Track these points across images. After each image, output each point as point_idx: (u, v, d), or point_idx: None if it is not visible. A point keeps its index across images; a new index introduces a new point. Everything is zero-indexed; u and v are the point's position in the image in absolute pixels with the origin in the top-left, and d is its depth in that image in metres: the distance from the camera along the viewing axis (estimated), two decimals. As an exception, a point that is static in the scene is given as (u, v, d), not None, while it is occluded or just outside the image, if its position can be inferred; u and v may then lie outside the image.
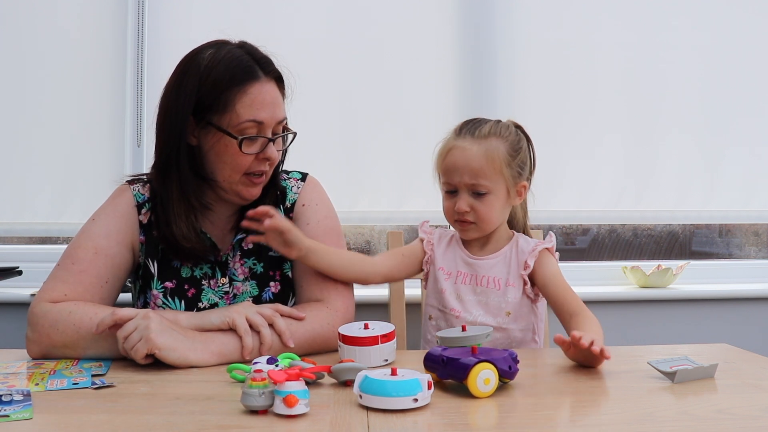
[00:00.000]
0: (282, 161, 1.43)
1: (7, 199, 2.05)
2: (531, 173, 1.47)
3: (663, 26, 2.16)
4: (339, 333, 1.19)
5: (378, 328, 1.20)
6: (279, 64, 1.34)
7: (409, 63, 2.11)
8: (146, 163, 2.02)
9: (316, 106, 2.07)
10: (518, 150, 1.42)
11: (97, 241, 1.30)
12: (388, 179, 2.11)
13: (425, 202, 2.11)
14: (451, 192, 1.43)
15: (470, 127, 1.42)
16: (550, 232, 1.48)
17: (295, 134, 1.37)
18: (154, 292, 1.32)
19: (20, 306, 1.95)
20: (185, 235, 1.30)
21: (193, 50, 1.33)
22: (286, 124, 1.35)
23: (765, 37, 2.19)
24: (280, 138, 1.34)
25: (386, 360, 1.17)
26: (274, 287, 1.39)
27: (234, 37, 1.35)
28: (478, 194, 1.39)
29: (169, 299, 1.32)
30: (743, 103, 2.19)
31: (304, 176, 1.48)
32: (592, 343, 1.12)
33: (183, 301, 1.33)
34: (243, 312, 1.20)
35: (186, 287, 1.34)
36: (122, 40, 2.05)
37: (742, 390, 1.05)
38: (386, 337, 1.17)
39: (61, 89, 2.05)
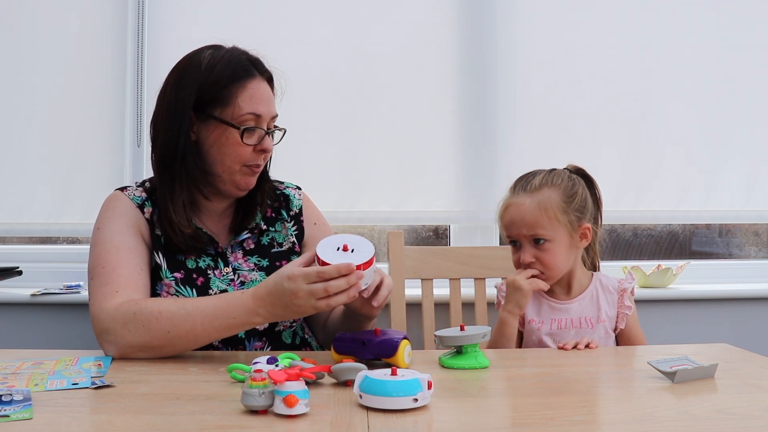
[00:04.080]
0: (270, 158, 1.48)
1: (7, 199, 2.05)
2: (598, 213, 1.53)
3: (665, 26, 2.16)
4: (317, 255, 1.15)
5: (357, 249, 1.15)
6: (269, 64, 1.42)
7: (409, 62, 2.11)
8: (146, 163, 2.02)
9: (317, 106, 2.08)
10: (573, 195, 1.47)
11: (113, 242, 1.33)
12: (388, 179, 2.11)
13: (425, 202, 2.12)
14: (515, 244, 1.49)
15: (523, 183, 1.49)
16: (630, 271, 1.54)
17: (285, 131, 1.44)
18: (166, 281, 1.36)
19: (20, 306, 1.95)
20: (184, 225, 1.34)
21: (189, 54, 1.40)
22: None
23: (766, 37, 2.19)
24: (273, 133, 1.42)
25: (366, 284, 1.14)
26: None
27: (228, 41, 1.42)
28: (539, 243, 1.45)
29: (181, 287, 1.36)
30: (744, 104, 2.18)
31: (297, 187, 1.57)
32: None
33: (194, 290, 1.37)
34: (309, 304, 1.14)
35: (194, 277, 1.38)
36: (122, 40, 2.05)
37: (742, 390, 1.05)
38: (366, 265, 1.13)
39: (61, 89, 2.05)
